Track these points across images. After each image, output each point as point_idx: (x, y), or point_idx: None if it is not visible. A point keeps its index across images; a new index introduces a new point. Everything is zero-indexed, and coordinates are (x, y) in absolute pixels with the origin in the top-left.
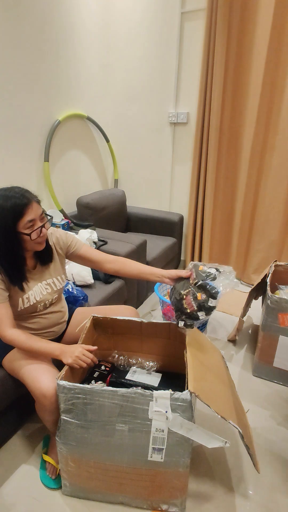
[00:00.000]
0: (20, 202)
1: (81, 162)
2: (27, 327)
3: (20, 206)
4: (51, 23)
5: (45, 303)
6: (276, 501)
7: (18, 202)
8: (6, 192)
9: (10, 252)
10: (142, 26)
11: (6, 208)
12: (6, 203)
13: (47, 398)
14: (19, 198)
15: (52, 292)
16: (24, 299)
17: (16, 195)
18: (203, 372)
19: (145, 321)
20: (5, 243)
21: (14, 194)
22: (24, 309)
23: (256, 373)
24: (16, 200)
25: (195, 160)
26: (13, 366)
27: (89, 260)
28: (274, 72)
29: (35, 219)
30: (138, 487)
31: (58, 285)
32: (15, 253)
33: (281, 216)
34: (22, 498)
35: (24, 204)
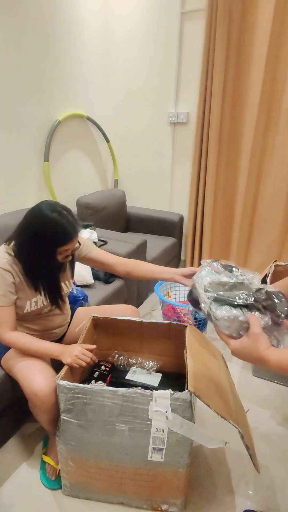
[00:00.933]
0: (69, 234)
1: (81, 162)
2: (30, 328)
3: (67, 237)
4: (51, 23)
5: (51, 307)
6: (276, 501)
7: (68, 232)
8: (61, 214)
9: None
10: (142, 26)
11: (55, 230)
12: (57, 226)
13: (38, 397)
14: (71, 229)
15: None
16: (32, 302)
17: (69, 225)
18: (203, 372)
19: (145, 321)
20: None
21: (67, 221)
22: (30, 312)
23: (256, 373)
24: (66, 229)
25: (195, 160)
26: (9, 364)
27: (100, 263)
28: (274, 72)
29: (69, 248)
30: (138, 487)
31: (65, 289)
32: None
33: (281, 216)
34: (22, 498)
35: (70, 238)
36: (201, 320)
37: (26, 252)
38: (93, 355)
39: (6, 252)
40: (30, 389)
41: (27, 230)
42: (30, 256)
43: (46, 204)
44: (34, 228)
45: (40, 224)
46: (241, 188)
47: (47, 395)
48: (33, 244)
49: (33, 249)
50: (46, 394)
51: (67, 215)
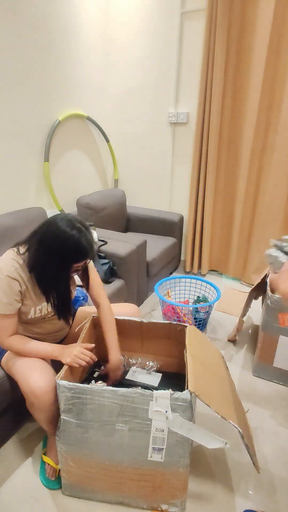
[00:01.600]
0: (86, 252)
1: (81, 162)
2: (33, 331)
3: (84, 255)
4: (51, 23)
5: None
6: (276, 501)
7: (85, 251)
8: (80, 232)
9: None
10: (142, 26)
11: (72, 248)
12: (75, 244)
13: (36, 396)
14: (89, 248)
15: None
16: (37, 310)
17: (87, 243)
18: (203, 372)
19: (145, 321)
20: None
21: (85, 239)
22: (34, 318)
23: (256, 373)
24: (85, 248)
25: (195, 160)
26: (8, 364)
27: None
28: (274, 72)
29: (82, 264)
30: (138, 487)
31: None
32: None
33: (281, 216)
34: (22, 498)
35: (85, 257)
36: (201, 320)
37: (41, 265)
38: (93, 354)
39: (14, 260)
40: (27, 387)
41: (44, 244)
42: (45, 269)
43: (65, 220)
44: (52, 243)
45: (59, 241)
46: (241, 188)
47: (44, 393)
48: (49, 259)
49: (49, 263)
50: (43, 392)
51: (86, 232)
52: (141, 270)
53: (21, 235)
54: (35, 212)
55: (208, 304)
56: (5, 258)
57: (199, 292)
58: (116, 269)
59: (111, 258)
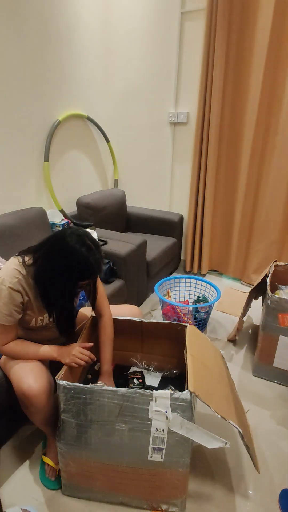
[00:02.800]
0: (94, 272)
1: (81, 162)
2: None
3: (92, 274)
4: (51, 23)
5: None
6: (276, 501)
7: (92, 270)
8: (89, 250)
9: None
10: (142, 26)
11: (80, 265)
12: (83, 262)
13: (27, 398)
14: (97, 267)
15: None
16: (38, 320)
17: (95, 262)
18: (203, 372)
19: (145, 321)
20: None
21: (94, 258)
22: (35, 326)
23: (256, 373)
24: (93, 267)
25: (195, 160)
26: (6, 365)
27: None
28: (274, 72)
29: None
30: (138, 487)
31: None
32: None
33: (281, 216)
34: (22, 498)
35: (94, 275)
36: (201, 320)
37: (47, 280)
38: (91, 353)
39: (17, 270)
40: (19, 390)
41: (51, 259)
42: (50, 285)
43: (75, 236)
44: (59, 259)
45: (67, 257)
46: (241, 188)
47: (36, 396)
48: (56, 275)
49: (55, 280)
50: (35, 395)
51: (95, 251)
52: (141, 270)
53: (21, 235)
54: (35, 212)
55: (208, 304)
56: (9, 268)
57: (199, 292)
58: (116, 269)
59: (111, 258)
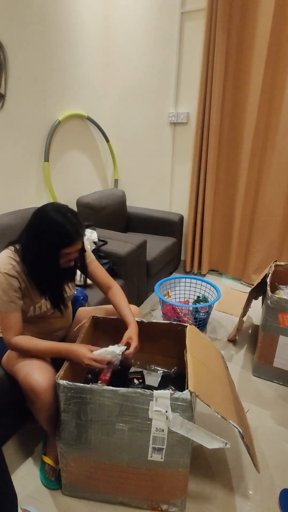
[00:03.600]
0: (70, 236)
1: (81, 162)
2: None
3: (68, 239)
4: (52, 23)
5: (54, 310)
6: (276, 501)
7: (70, 234)
8: (65, 216)
9: (47, 269)
10: (142, 26)
11: (58, 231)
12: (60, 227)
13: (36, 394)
14: (73, 232)
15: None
16: (36, 307)
17: (71, 227)
18: (203, 372)
19: (145, 321)
20: (43, 260)
21: (70, 223)
22: (33, 315)
23: (256, 373)
24: (68, 231)
25: (195, 160)
26: (9, 363)
27: (93, 277)
28: (274, 71)
29: (71, 252)
30: (138, 487)
31: (69, 292)
32: (52, 271)
33: (281, 216)
34: (22, 498)
35: (73, 240)
36: (201, 320)
37: (30, 253)
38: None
39: (11, 258)
40: (28, 385)
41: (31, 231)
42: (34, 258)
43: (51, 205)
44: (37, 228)
45: (43, 225)
46: (241, 188)
47: (45, 391)
48: (36, 245)
49: (37, 251)
50: (43, 390)
51: (71, 217)
52: (141, 270)
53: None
54: None
55: (208, 304)
56: (2, 257)
57: (199, 292)
58: (116, 269)
59: (111, 258)
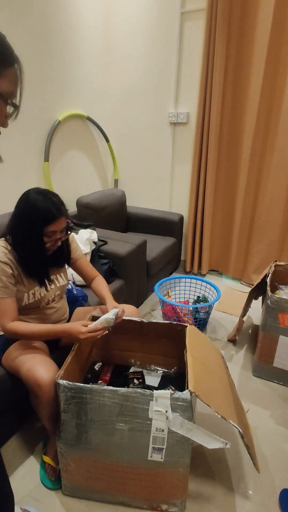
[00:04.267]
0: (53, 213)
1: (81, 162)
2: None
3: (50, 216)
4: (51, 23)
5: (49, 299)
6: (276, 501)
7: (51, 211)
8: (46, 196)
9: (33, 248)
10: (142, 26)
11: (39, 210)
12: (41, 206)
13: (41, 389)
14: (55, 209)
15: (56, 288)
16: (30, 294)
17: (52, 205)
18: (203, 372)
19: (145, 321)
20: (28, 240)
21: (52, 202)
22: (28, 304)
23: (256, 373)
24: (51, 208)
25: (195, 160)
26: (10, 360)
27: (80, 271)
28: (274, 71)
29: (56, 231)
30: (138, 487)
31: (62, 281)
32: (38, 250)
33: (281, 216)
34: (22, 498)
35: (54, 217)
36: (201, 320)
37: (17, 236)
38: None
39: (2, 246)
40: (33, 380)
41: (16, 214)
42: (20, 240)
43: (33, 189)
44: (21, 211)
45: (26, 206)
46: (241, 188)
47: (49, 385)
48: (22, 228)
49: (23, 233)
50: (48, 384)
51: (52, 197)
52: (141, 270)
53: None
54: None
55: (208, 304)
56: None
57: (199, 292)
58: (116, 269)
59: (111, 258)
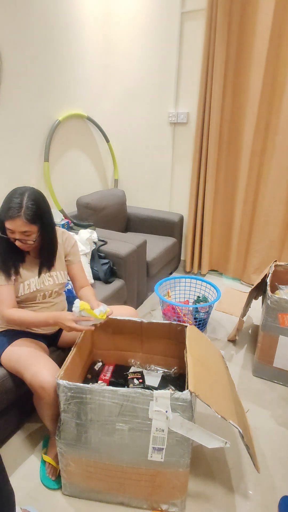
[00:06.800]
0: (9, 211)
1: (81, 162)
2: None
3: (6, 213)
4: (51, 23)
5: (45, 293)
6: (276, 501)
7: (9, 210)
8: (18, 194)
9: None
10: (142, 26)
11: (3, 204)
12: (6, 201)
13: (46, 391)
14: (12, 209)
15: (54, 285)
16: (25, 285)
17: (13, 205)
18: (203, 372)
19: (145, 321)
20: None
21: (16, 201)
22: (24, 296)
23: (256, 373)
24: (9, 207)
25: (195, 160)
26: (11, 361)
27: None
28: (274, 71)
29: (14, 231)
30: (138, 487)
31: (61, 279)
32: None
33: (281, 216)
34: (22, 498)
35: (9, 216)
36: (201, 320)
37: None
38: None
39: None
40: (37, 382)
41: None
42: None
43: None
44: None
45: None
46: (241, 188)
47: (54, 387)
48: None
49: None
50: (53, 386)
51: (18, 197)
52: (141, 270)
53: None
54: None
55: (208, 304)
56: None
57: (199, 292)
58: (116, 269)
59: (111, 258)
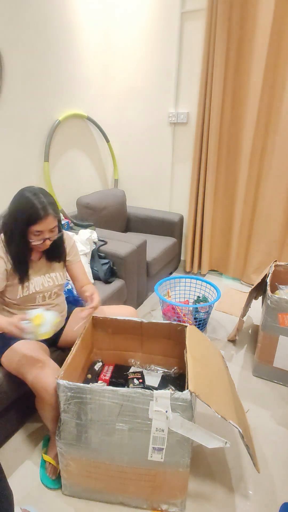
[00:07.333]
0: (38, 212)
1: (81, 162)
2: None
3: (36, 216)
4: (52, 23)
5: (44, 295)
6: (276, 501)
7: (36, 212)
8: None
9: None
10: (142, 26)
11: (25, 210)
12: (27, 206)
13: (48, 392)
14: (41, 208)
15: (53, 286)
16: (24, 287)
17: (39, 205)
18: (203, 372)
19: (145, 321)
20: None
21: (38, 201)
22: (23, 297)
23: (256, 373)
24: (36, 209)
25: (195, 160)
26: (12, 362)
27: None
28: (274, 71)
29: (43, 231)
30: (138, 487)
31: (60, 280)
32: (21, 246)
33: (281, 216)
34: (22, 498)
35: (40, 217)
36: (201, 320)
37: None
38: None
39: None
40: (39, 384)
41: (8, 210)
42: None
43: (27, 187)
44: (12, 207)
45: (14, 204)
46: (241, 188)
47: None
48: (11, 221)
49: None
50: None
51: (41, 196)
52: (141, 270)
53: None
54: None
55: (208, 304)
56: None
57: (199, 292)
58: (116, 269)
59: (111, 258)
